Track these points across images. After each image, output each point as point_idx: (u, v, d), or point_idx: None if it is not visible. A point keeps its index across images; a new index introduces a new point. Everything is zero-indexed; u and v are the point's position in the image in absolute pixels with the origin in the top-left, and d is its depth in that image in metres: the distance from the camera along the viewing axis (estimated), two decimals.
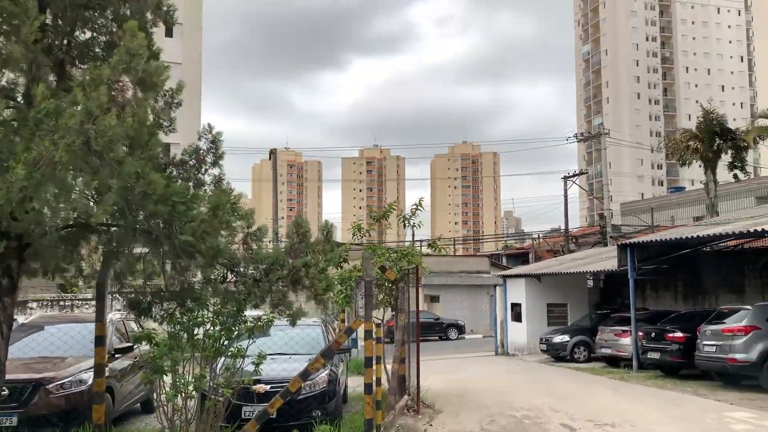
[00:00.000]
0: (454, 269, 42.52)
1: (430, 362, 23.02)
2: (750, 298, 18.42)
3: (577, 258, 23.99)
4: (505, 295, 24.55)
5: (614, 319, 18.31)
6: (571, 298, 23.18)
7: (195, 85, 46.69)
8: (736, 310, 13.22)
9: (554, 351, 19.88)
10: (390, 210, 12.89)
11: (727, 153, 28.85)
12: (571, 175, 35.70)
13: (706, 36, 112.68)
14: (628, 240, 16.67)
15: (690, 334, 14.27)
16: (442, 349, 29.07)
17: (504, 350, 24.35)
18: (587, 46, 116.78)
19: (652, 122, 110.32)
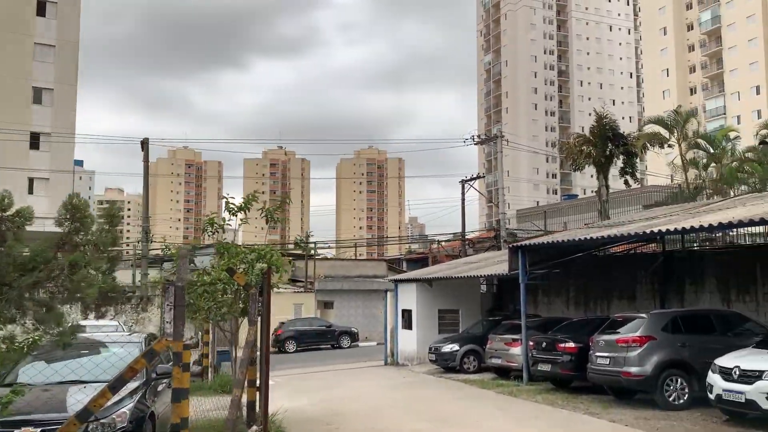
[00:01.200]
0: (351, 274, 40.87)
1: (313, 374, 21.13)
2: (642, 305, 17.81)
3: (471, 262, 22.88)
4: (396, 300, 23.04)
5: (505, 327, 17.13)
6: (463, 304, 21.99)
7: (69, 71, 42.45)
8: (631, 318, 12.19)
9: (443, 361, 18.49)
10: (250, 201, 10.90)
11: (619, 158, 28.87)
12: (469, 178, 34.98)
13: (599, 51, 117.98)
14: (519, 243, 15.51)
15: (582, 344, 13.18)
16: (331, 359, 27.30)
17: (394, 360, 22.81)
18: (489, 56, 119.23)
19: (548, 133, 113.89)
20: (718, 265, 15.65)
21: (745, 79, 75.40)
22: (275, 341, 32.23)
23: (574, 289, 20.72)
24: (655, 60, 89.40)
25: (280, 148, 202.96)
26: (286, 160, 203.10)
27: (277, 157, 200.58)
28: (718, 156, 25.05)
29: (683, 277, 16.59)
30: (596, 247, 16.97)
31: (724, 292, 15.46)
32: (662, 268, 17.02)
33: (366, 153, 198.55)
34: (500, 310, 23.59)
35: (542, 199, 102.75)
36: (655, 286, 17.41)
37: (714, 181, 24.62)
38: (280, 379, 19.96)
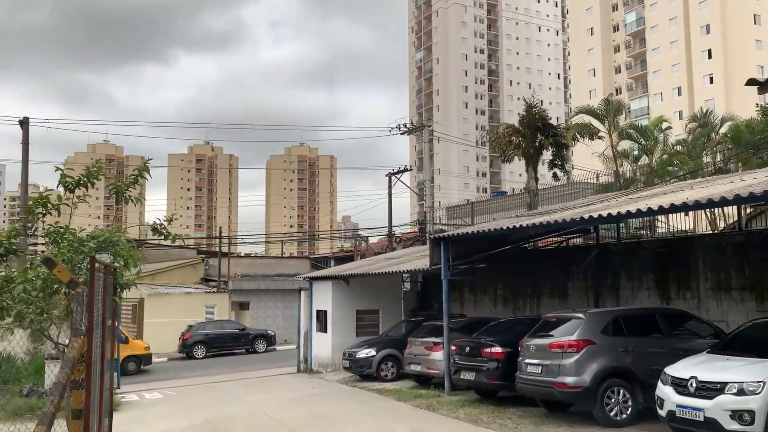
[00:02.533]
0: (271, 272, 38.31)
1: (214, 385, 18.64)
2: (574, 303, 16.29)
3: (392, 257, 20.95)
4: (311, 300, 20.85)
5: (426, 329, 15.24)
6: (384, 304, 20.03)
7: None
8: (566, 318, 10.46)
9: (358, 368, 16.45)
10: (93, 175, 8.48)
11: (548, 150, 27.63)
12: (396, 171, 33.14)
13: (528, 52, 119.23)
14: (441, 233, 13.64)
15: (511, 348, 11.40)
16: (242, 365, 24.84)
17: (307, 366, 20.61)
18: (420, 54, 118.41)
19: (478, 131, 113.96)
20: (656, 258, 14.25)
21: (668, 80, 77.15)
22: (182, 346, 29.46)
23: (502, 286, 19.10)
24: (582, 60, 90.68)
25: (207, 144, 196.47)
26: (213, 156, 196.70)
27: (203, 152, 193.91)
28: (650, 147, 24.18)
29: (619, 273, 15.15)
30: (526, 239, 15.33)
31: (663, 288, 14.06)
32: (596, 263, 15.55)
33: (297, 150, 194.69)
34: (425, 310, 21.79)
35: (472, 197, 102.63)
36: (589, 283, 15.93)
37: (646, 173, 23.69)
38: (173, 392, 17.47)
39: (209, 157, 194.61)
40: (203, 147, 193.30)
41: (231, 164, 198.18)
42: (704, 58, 72.89)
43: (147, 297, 32.30)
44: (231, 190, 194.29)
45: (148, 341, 32.09)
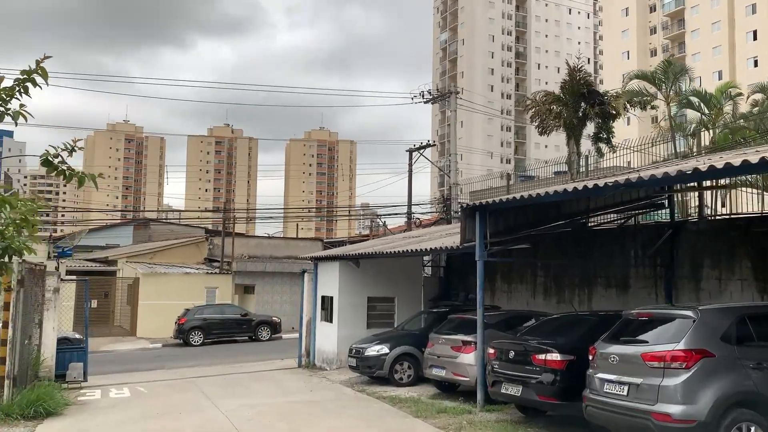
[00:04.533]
0: (280, 254, 35.34)
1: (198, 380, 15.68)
2: (637, 296, 13.05)
3: (411, 236, 17.78)
4: (315, 285, 17.81)
5: (452, 323, 12.09)
6: (400, 291, 16.92)
7: None
8: (665, 317, 7.21)
9: (367, 368, 13.36)
10: None
11: (592, 121, 24.15)
12: (417, 147, 29.91)
13: (557, 35, 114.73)
14: (478, 201, 10.44)
15: (574, 355, 8.23)
16: (239, 355, 22.04)
17: (309, 361, 17.61)
18: (445, 34, 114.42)
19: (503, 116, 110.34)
20: (756, 241, 10.94)
21: (708, 63, 72.60)
22: (178, 332, 26.68)
23: (543, 274, 15.88)
24: (615, 42, 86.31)
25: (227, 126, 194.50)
26: (233, 138, 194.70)
27: (223, 134, 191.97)
28: (714, 118, 20.65)
29: (700, 259, 11.86)
30: (581, 213, 12.05)
31: (763, 279, 10.77)
32: (670, 246, 12.27)
33: (317, 134, 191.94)
34: (447, 299, 18.68)
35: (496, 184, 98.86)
36: (659, 271, 12.65)
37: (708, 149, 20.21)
38: (145, 388, 14.60)
39: (229, 139, 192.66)
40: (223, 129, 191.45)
41: (250, 147, 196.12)
42: (749, 40, 68.36)
43: (142, 276, 29.56)
44: (250, 173, 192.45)
45: (143, 325, 29.45)
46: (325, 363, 16.77)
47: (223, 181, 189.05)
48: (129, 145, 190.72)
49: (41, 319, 13.83)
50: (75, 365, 15.18)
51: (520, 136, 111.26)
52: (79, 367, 15.23)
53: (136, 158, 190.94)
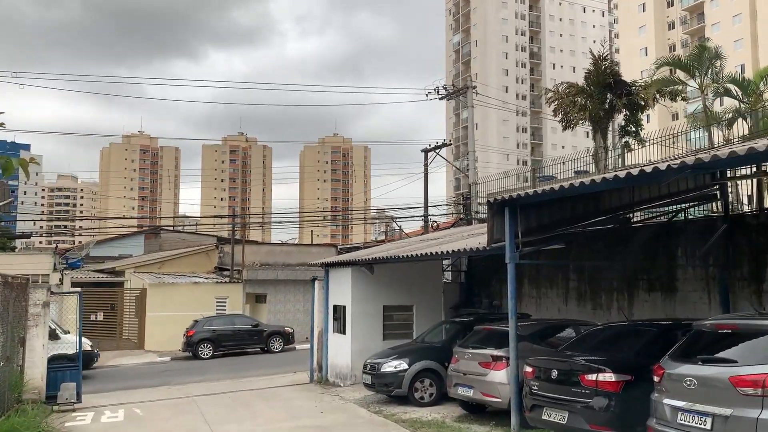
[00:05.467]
0: (293, 261, 34.05)
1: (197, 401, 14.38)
2: (686, 300, 11.57)
3: (428, 239, 16.39)
4: (327, 292, 16.48)
5: (479, 336, 10.66)
6: (419, 299, 15.53)
7: None
8: (758, 330, 5.73)
9: (384, 387, 11.97)
10: None
11: (620, 113, 22.68)
12: (433, 147, 28.54)
13: (572, 34, 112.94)
14: (507, 195, 9.03)
15: (631, 375, 6.80)
16: (248, 369, 20.78)
17: (321, 376, 16.26)
18: (458, 36, 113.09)
19: (518, 118, 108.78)
20: None
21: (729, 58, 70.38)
22: (186, 344, 25.47)
23: (575, 277, 14.42)
24: (632, 39, 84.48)
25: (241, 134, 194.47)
26: (247, 147, 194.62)
27: (237, 143, 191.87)
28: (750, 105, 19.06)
29: (762, 257, 10.36)
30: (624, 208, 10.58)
31: None
32: (724, 243, 10.78)
33: (331, 140, 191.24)
34: (469, 306, 17.29)
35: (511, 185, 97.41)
36: (711, 271, 11.16)
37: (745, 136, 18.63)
38: (141, 410, 13.36)
39: (243, 148, 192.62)
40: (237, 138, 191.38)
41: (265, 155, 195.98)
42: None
43: (150, 287, 28.41)
44: (264, 180, 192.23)
45: (151, 337, 28.30)
46: (338, 378, 15.42)
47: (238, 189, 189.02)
48: (144, 156, 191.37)
49: (24, 336, 12.60)
50: (67, 385, 13.96)
51: (536, 137, 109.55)
52: (71, 387, 14.00)
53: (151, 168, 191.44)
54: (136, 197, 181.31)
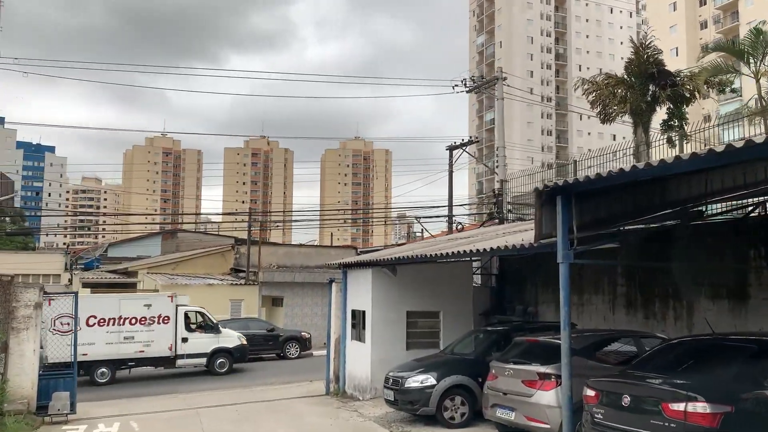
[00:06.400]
0: (311, 263, 32.74)
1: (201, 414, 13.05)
2: (759, 310, 9.94)
3: (457, 238, 14.87)
4: (345, 296, 15.05)
5: (520, 348, 9.13)
6: (447, 304, 14.01)
7: None
8: None
9: (408, 404, 10.48)
10: None
11: (663, 106, 20.98)
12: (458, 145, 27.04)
13: (599, 35, 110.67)
14: (562, 181, 7.48)
15: (731, 405, 5.24)
16: (262, 377, 19.60)
17: (338, 387, 14.83)
18: (482, 37, 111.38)
19: (543, 120, 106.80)
20: None
21: None
22: None
23: (624, 281, 12.81)
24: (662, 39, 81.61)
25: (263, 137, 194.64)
26: (269, 150, 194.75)
27: (259, 146, 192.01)
28: None
29: None
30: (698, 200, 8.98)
31: None
32: None
33: (352, 144, 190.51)
34: (501, 312, 15.75)
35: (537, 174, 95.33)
36: None
37: None
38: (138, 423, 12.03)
39: (265, 151, 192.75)
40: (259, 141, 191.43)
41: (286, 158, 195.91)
42: None
43: (162, 288, 27.25)
44: (286, 183, 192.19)
45: None
46: (356, 391, 13.97)
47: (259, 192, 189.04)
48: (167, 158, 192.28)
49: (6, 341, 11.34)
50: (59, 395, 12.71)
51: (562, 140, 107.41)
52: (64, 397, 12.74)
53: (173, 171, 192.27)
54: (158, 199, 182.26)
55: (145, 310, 19.73)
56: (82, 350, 18.39)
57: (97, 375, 19.02)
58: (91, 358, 18.78)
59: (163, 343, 19.71)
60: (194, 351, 20.35)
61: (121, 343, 19.33)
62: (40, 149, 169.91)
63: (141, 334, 19.55)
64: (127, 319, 19.46)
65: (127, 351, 19.40)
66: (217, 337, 20.90)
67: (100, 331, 19.11)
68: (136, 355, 19.54)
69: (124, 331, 19.40)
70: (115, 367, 19.43)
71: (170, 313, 19.81)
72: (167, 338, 19.78)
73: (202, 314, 21.25)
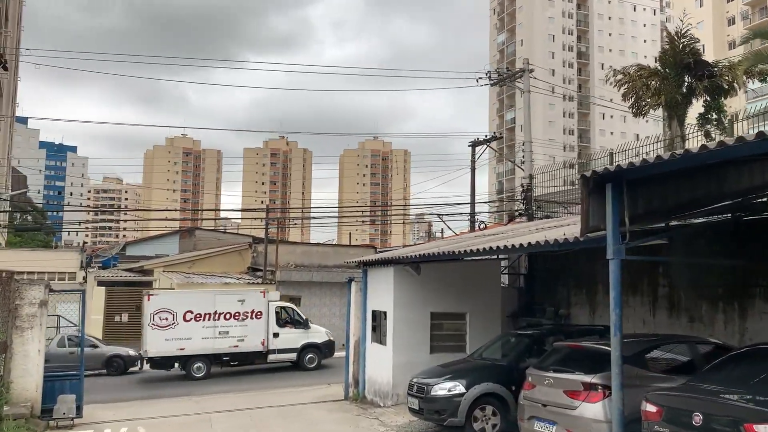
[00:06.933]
0: (329, 262, 32.03)
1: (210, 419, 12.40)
2: None
3: (486, 234, 13.99)
4: (365, 296, 14.26)
5: (560, 354, 8.26)
6: (473, 305, 13.15)
7: None
8: None
9: (434, 414, 9.64)
10: None
11: (699, 98, 19.92)
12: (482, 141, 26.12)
13: (622, 33, 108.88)
14: (609, 169, 6.62)
15: None
16: (278, 379, 19.00)
17: (358, 393, 14.04)
18: (503, 36, 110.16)
19: (565, 119, 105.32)
20: None
21: None
22: None
23: (667, 281, 11.85)
24: None
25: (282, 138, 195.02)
26: (288, 150, 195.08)
27: (278, 146, 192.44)
28: None
29: None
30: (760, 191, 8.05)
31: None
32: None
33: (371, 144, 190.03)
34: (530, 314, 14.84)
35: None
36: None
37: None
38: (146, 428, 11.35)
39: (284, 151, 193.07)
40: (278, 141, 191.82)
41: (305, 158, 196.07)
42: None
43: (177, 287, 26.68)
44: (304, 184, 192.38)
45: None
46: (377, 397, 13.16)
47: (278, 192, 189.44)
48: (187, 158, 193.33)
49: (6, 341, 10.70)
50: (64, 398, 12.06)
51: (584, 139, 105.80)
52: (69, 400, 12.09)
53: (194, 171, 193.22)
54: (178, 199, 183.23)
55: (239, 305, 20.05)
56: (179, 345, 19.51)
57: (194, 370, 19.43)
58: (188, 353, 19.36)
59: (256, 339, 19.88)
60: (285, 346, 20.64)
61: (216, 338, 19.66)
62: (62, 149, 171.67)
63: (235, 329, 19.90)
64: (222, 314, 19.76)
65: (222, 346, 19.73)
66: (307, 332, 21.25)
67: (197, 326, 19.54)
68: (231, 350, 19.85)
69: (219, 326, 19.74)
70: (210, 362, 19.74)
71: (262, 309, 20.14)
72: (260, 333, 20.00)
73: (292, 310, 21.70)
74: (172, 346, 19.33)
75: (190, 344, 19.33)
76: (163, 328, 19.05)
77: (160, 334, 19.23)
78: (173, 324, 19.40)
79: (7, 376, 11.23)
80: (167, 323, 19.06)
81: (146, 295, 19.90)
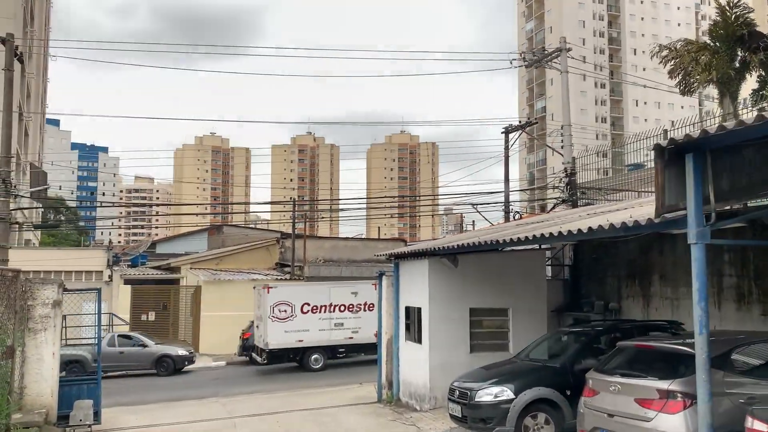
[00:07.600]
0: (358, 257, 31.18)
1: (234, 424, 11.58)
2: None
3: (529, 223, 12.87)
4: (397, 291, 13.29)
5: (626, 354, 7.17)
6: (516, 299, 12.07)
7: None
8: None
9: (479, 422, 8.61)
10: None
11: (753, 73, 18.47)
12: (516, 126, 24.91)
13: (654, 17, 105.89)
14: (692, 136, 5.52)
15: None
16: (308, 378, 18.23)
17: (392, 395, 13.09)
18: (531, 23, 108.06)
19: (597, 107, 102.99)
20: None
21: None
22: (242, 348, 23.03)
23: (734, 270, 10.63)
24: None
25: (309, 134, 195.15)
26: (315, 146, 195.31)
27: (305, 143, 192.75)
28: None
29: None
30: None
31: None
32: None
33: (398, 138, 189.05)
34: (576, 309, 13.73)
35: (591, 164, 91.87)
36: None
37: None
38: None
39: (311, 147, 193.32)
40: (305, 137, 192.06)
41: (332, 154, 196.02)
42: None
43: (204, 284, 26.09)
44: (332, 179, 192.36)
45: (206, 339, 25.99)
46: (413, 399, 12.20)
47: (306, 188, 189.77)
48: (216, 156, 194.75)
49: (12, 345, 9.98)
50: (81, 404, 11.33)
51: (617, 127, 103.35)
52: (86, 405, 11.36)
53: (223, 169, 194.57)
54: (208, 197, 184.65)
55: (353, 297, 20.32)
56: (297, 336, 19.80)
57: (311, 361, 19.78)
58: (306, 345, 19.72)
59: (369, 330, 19.54)
60: None
61: (332, 329, 19.98)
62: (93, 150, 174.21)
63: (349, 321, 20.20)
64: (337, 306, 20.08)
65: (338, 338, 20.06)
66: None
67: (314, 318, 19.88)
68: (346, 342, 20.14)
69: (335, 318, 20.08)
70: (327, 355, 20.02)
71: (375, 301, 19.60)
72: (373, 325, 19.46)
73: None
74: (291, 338, 19.64)
75: (308, 336, 19.66)
76: (283, 321, 19.43)
77: (280, 326, 19.52)
78: (292, 316, 19.74)
79: (20, 382, 10.54)
80: (286, 315, 19.46)
81: (265, 287, 20.18)
